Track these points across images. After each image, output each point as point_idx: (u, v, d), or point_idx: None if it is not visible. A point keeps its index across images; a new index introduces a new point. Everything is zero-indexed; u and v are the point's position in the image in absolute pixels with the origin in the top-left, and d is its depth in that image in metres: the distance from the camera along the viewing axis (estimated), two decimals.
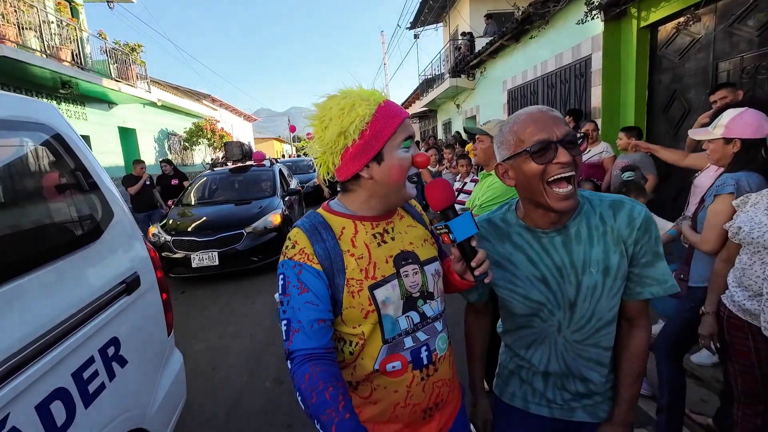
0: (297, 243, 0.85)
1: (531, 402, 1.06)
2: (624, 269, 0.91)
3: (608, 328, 0.95)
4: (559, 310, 0.95)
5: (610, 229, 0.90)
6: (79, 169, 1.42)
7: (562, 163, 0.82)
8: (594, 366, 0.97)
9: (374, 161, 0.85)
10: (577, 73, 6.13)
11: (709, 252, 1.68)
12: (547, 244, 0.93)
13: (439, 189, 0.87)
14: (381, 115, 0.84)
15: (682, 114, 4.56)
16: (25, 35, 7.13)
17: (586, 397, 1.01)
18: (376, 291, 0.85)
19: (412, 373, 0.88)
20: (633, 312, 0.96)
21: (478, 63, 9.71)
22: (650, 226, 0.90)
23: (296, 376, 0.76)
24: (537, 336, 1.00)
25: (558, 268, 0.93)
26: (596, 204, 0.93)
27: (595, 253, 0.90)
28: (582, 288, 0.91)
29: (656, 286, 0.91)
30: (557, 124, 0.84)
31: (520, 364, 1.07)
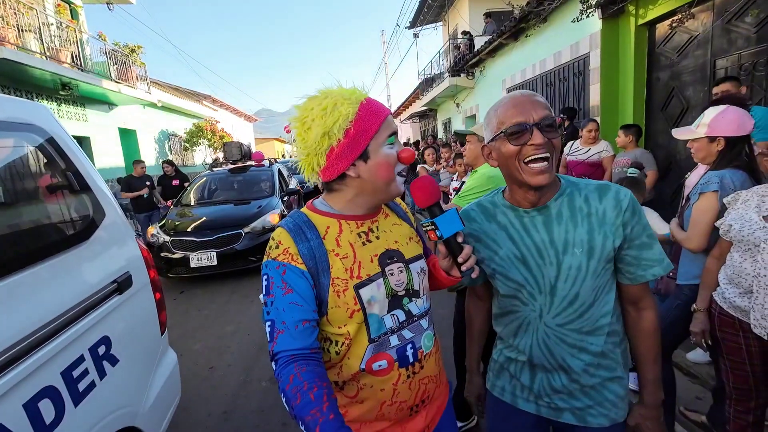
0: (281, 243, 0.85)
1: (519, 397, 1.07)
2: (609, 250, 0.91)
3: (590, 311, 0.95)
4: (540, 294, 0.96)
5: (595, 210, 0.92)
6: (70, 170, 1.43)
7: (536, 145, 0.86)
8: (576, 353, 0.97)
9: (360, 159, 0.85)
10: (575, 71, 6.12)
11: (693, 250, 1.68)
12: (528, 224, 0.96)
13: (423, 186, 0.87)
14: (364, 112, 0.83)
15: (681, 111, 4.55)
16: (24, 37, 7.15)
17: (572, 396, 1.00)
18: (361, 290, 0.85)
19: (398, 371, 0.88)
20: (636, 295, 0.97)
21: (477, 62, 9.70)
22: (636, 208, 0.92)
23: (281, 378, 0.76)
24: (521, 322, 1.01)
25: (538, 248, 0.94)
26: (582, 187, 0.96)
27: (578, 234, 0.91)
28: (563, 268, 0.92)
29: (657, 267, 0.93)
30: (535, 108, 0.87)
31: (509, 355, 1.07)
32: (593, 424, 0.99)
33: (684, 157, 4.38)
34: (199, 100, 18.33)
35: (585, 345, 0.96)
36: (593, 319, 0.95)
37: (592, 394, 0.99)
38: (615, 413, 1.00)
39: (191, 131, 15.61)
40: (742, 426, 1.53)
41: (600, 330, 0.96)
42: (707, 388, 2.31)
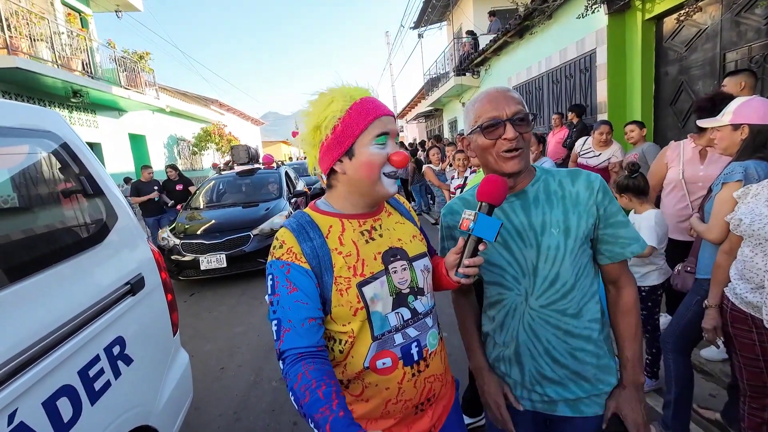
0: (284, 242, 0.86)
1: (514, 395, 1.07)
2: (584, 230, 0.95)
3: (572, 293, 0.96)
4: (523, 277, 0.98)
5: (569, 193, 0.97)
6: (84, 175, 1.46)
7: (509, 139, 0.91)
8: (561, 335, 0.98)
9: (346, 156, 0.87)
10: (581, 68, 6.08)
11: (714, 241, 1.66)
12: (507, 209, 1.00)
13: (495, 182, 0.86)
14: (354, 111, 0.85)
15: (690, 106, 4.49)
16: (36, 46, 7.31)
17: (563, 386, 1.00)
18: (364, 288, 0.86)
19: (402, 369, 0.88)
20: (616, 273, 1.01)
21: (482, 60, 9.67)
22: (607, 190, 0.98)
23: (289, 376, 0.76)
24: (508, 309, 1.02)
25: (518, 231, 0.98)
26: (554, 174, 1.02)
27: (555, 215, 0.96)
28: (542, 249, 0.96)
29: (634, 245, 0.97)
30: (509, 103, 0.92)
31: (497, 354, 1.07)
32: (588, 413, 1.01)
33: None
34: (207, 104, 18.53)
35: (569, 328, 0.98)
36: (576, 301, 0.97)
37: (582, 384, 0.99)
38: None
39: (199, 135, 15.79)
40: (756, 423, 1.51)
41: (583, 313, 0.98)
42: (721, 385, 2.28)
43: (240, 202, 6.09)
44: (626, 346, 1.01)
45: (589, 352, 0.99)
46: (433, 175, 5.07)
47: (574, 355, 0.98)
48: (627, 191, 2.20)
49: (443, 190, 5.09)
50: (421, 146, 11.67)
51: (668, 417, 1.86)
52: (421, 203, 8.81)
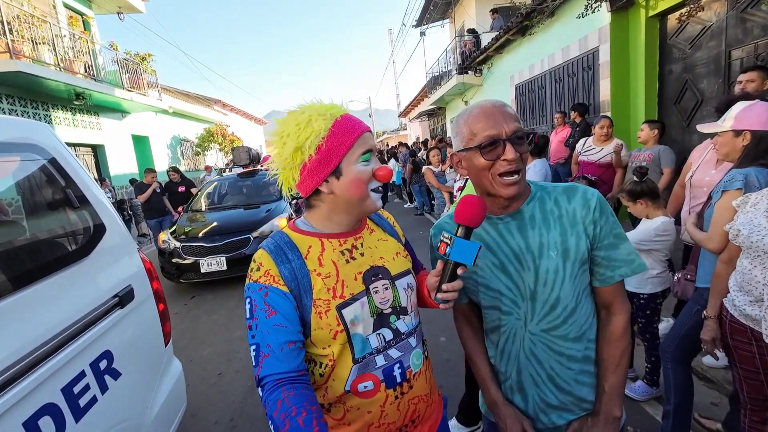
0: (262, 265, 0.84)
1: None
2: (583, 251, 0.90)
3: (573, 317, 0.92)
4: (522, 301, 0.94)
5: (566, 211, 0.92)
6: (70, 187, 1.45)
7: (509, 160, 0.85)
8: (565, 361, 0.94)
9: (333, 176, 0.85)
10: (584, 66, 6.00)
11: (714, 251, 1.62)
12: (503, 230, 0.95)
13: (472, 204, 0.81)
14: (337, 129, 0.83)
15: (695, 104, 4.42)
16: (39, 50, 7.35)
17: (568, 411, 0.97)
18: (344, 310, 0.84)
19: (385, 392, 0.86)
20: (608, 298, 0.95)
21: (484, 59, 9.59)
22: (605, 207, 0.92)
23: (268, 404, 0.74)
24: (508, 335, 0.98)
25: (515, 254, 0.93)
26: (550, 190, 0.96)
27: (552, 236, 0.91)
28: (540, 272, 0.91)
29: (624, 267, 0.92)
30: (507, 121, 0.86)
31: (499, 377, 1.04)
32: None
33: None
34: (210, 104, 18.59)
35: (572, 353, 0.94)
36: (578, 325, 0.93)
37: (586, 407, 0.97)
38: None
39: (202, 136, 15.84)
40: None
41: (584, 336, 0.95)
42: (723, 393, 2.24)
43: (241, 203, 6.09)
44: (606, 376, 0.94)
45: (588, 372, 0.96)
46: (432, 176, 5.03)
47: (577, 380, 0.95)
48: (642, 196, 2.14)
49: (443, 191, 5.05)
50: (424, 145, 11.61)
51: (667, 427, 1.82)
52: (423, 203, 8.77)
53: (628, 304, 0.96)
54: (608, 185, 3.90)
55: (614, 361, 0.93)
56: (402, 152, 10.67)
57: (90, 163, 10.10)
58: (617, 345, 0.94)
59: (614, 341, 0.94)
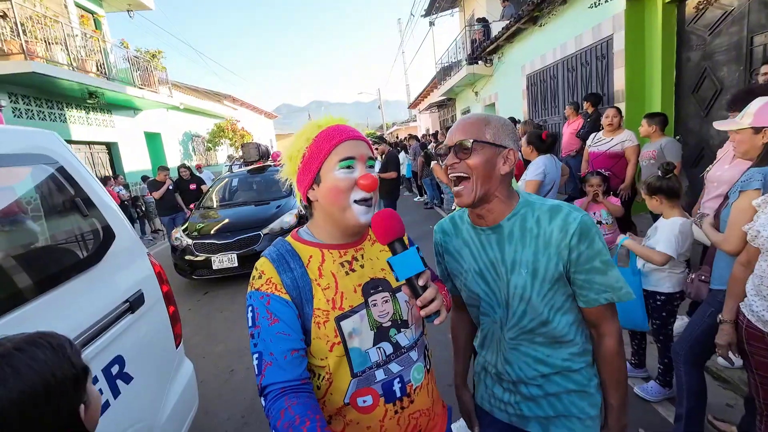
0: (264, 273, 0.84)
1: (494, 407, 1.10)
2: (553, 273, 0.91)
3: (544, 328, 0.96)
4: (499, 307, 1.00)
5: (543, 232, 0.92)
6: (79, 196, 1.47)
7: (448, 164, 0.95)
8: (532, 363, 0.99)
9: (315, 183, 0.87)
10: (598, 55, 5.83)
11: (731, 252, 1.57)
12: (485, 241, 1.00)
13: (381, 219, 0.81)
14: (319, 138, 0.85)
15: (714, 93, 4.27)
16: (52, 50, 7.46)
17: (537, 404, 1.01)
18: (342, 322, 0.83)
19: (384, 407, 0.85)
20: (594, 318, 0.97)
21: (495, 48, 9.41)
22: (587, 233, 0.90)
23: (271, 414, 0.74)
24: (486, 332, 1.08)
25: (493, 264, 0.98)
26: (536, 207, 0.96)
27: (525, 254, 0.93)
28: (510, 286, 0.95)
29: (610, 293, 0.92)
30: (457, 131, 0.95)
31: (484, 367, 1.12)
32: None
33: (717, 143, 4.10)
34: (220, 100, 18.70)
35: (542, 357, 0.98)
36: (550, 335, 0.97)
37: (554, 403, 1.00)
38: (580, 430, 0.99)
39: (213, 131, 15.98)
40: None
41: (560, 346, 0.97)
42: (739, 394, 2.19)
43: (251, 200, 6.14)
44: (610, 393, 0.99)
45: (570, 380, 0.99)
46: (441, 171, 4.98)
47: (548, 378, 0.99)
48: (659, 193, 2.08)
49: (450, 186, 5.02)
50: (434, 138, 11.50)
51: (680, 430, 1.80)
52: (434, 196, 8.72)
53: (617, 324, 0.98)
54: (620, 178, 3.81)
55: (614, 378, 0.99)
56: (413, 145, 10.59)
57: (104, 161, 10.30)
58: (611, 365, 0.98)
59: (607, 362, 0.98)
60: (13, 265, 1.25)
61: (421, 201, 9.73)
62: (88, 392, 0.68)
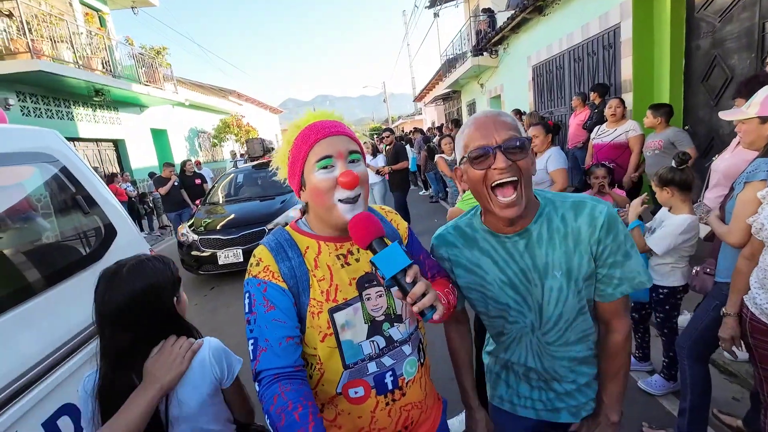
0: (261, 260, 0.85)
1: (518, 405, 1.08)
2: (586, 270, 0.90)
3: (574, 323, 0.95)
4: (530, 312, 0.96)
5: (571, 230, 0.90)
6: (81, 194, 1.49)
7: (500, 169, 0.82)
8: (568, 363, 0.99)
9: (302, 186, 0.87)
10: (605, 44, 5.72)
11: (735, 245, 1.54)
12: (511, 249, 0.94)
13: (357, 222, 0.80)
14: (297, 141, 0.85)
15: (724, 82, 4.16)
16: (58, 48, 7.52)
17: (570, 396, 1.02)
18: (336, 314, 0.84)
19: (375, 398, 0.86)
20: (607, 314, 0.95)
21: (500, 39, 9.28)
22: (614, 225, 0.88)
23: (264, 399, 0.75)
24: (513, 337, 1.02)
25: (524, 272, 0.94)
26: (559, 205, 0.93)
27: (557, 256, 0.90)
28: (545, 290, 0.92)
29: (626, 284, 0.90)
30: (498, 130, 0.84)
31: (506, 366, 1.08)
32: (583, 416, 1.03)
33: (727, 133, 4.02)
34: (225, 95, 18.74)
35: (572, 354, 0.98)
36: (578, 330, 0.96)
37: (587, 391, 1.02)
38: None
39: (219, 127, 16.03)
40: None
41: (584, 339, 0.98)
42: (746, 387, 2.16)
43: (256, 195, 6.17)
44: (606, 385, 0.99)
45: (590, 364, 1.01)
46: (445, 165, 4.95)
47: (581, 373, 1.00)
48: (671, 184, 2.01)
49: (455, 180, 4.99)
50: (439, 131, 11.42)
51: (683, 425, 1.78)
52: (438, 190, 8.68)
53: (627, 320, 0.96)
54: (623, 169, 3.77)
55: (612, 374, 0.98)
56: (417, 138, 10.54)
57: (112, 158, 10.41)
58: (614, 360, 0.97)
59: (611, 357, 0.97)
60: (20, 261, 1.27)
61: (426, 194, 9.71)
62: (180, 292, 1.02)
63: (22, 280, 1.19)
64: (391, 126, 34.32)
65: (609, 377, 0.98)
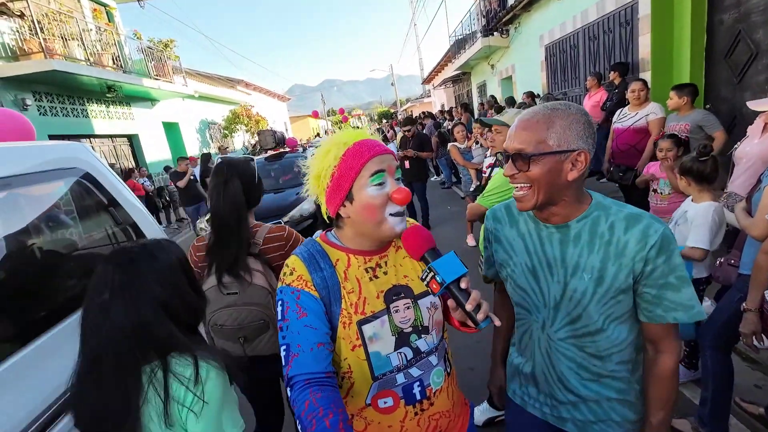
0: (295, 270, 0.88)
1: (528, 403, 1.11)
2: (621, 283, 0.87)
3: (597, 336, 0.93)
4: (544, 307, 0.97)
5: (617, 241, 0.87)
6: (111, 205, 1.54)
7: (508, 175, 0.91)
8: (576, 369, 0.97)
9: (347, 200, 0.87)
10: (621, 21, 5.52)
11: (758, 238, 1.52)
12: (545, 238, 0.96)
13: (412, 235, 0.85)
14: (348, 155, 0.86)
15: (748, 58, 3.99)
16: (69, 46, 7.59)
17: (575, 407, 1.00)
18: (364, 326, 0.86)
19: (404, 408, 0.88)
20: (656, 335, 0.91)
21: (511, 18, 9.01)
22: (669, 246, 0.84)
23: (296, 403, 0.76)
24: (526, 329, 1.05)
25: (549, 263, 0.95)
26: (612, 213, 0.90)
27: (592, 260, 0.89)
28: (568, 289, 0.92)
29: (681, 312, 0.86)
30: (514, 138, 0.90)
31: (518, 363, 1.12)
32: None
33: (751, 112, 3.88)
34: (233, 85, 18.73)
35: (588, 365, 0.96)
36: (602, 345, 0.93)
37: (594, 408, 0.98)
38: None
39: (229, 118, 16.09)
40: None
41: (609, 358, 0.94)
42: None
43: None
44: (653, 412, 0.94)
45: (609, 387, 0.97)
46: (458, 153, 4.90)
47: (588, 387, 0.97)
48: (688, 174, 1.98)
49: (468, 168, 4.93)
50: (449, 115, 11.25)
51: (705, 414, 1.80)
52: (450, 176, 8.62)
53: (679, 343, 0.93)
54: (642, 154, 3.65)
55: (663, 398, 0.93)
56: (427, 124, 10.40)
57: (127, 153, 10.59)
58: (665, 386, 0.92)
59: (661, 381, 0.92)
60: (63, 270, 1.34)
61: (437, 180, 9.65)
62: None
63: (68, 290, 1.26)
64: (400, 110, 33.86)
65: (658, 404, 0.93)
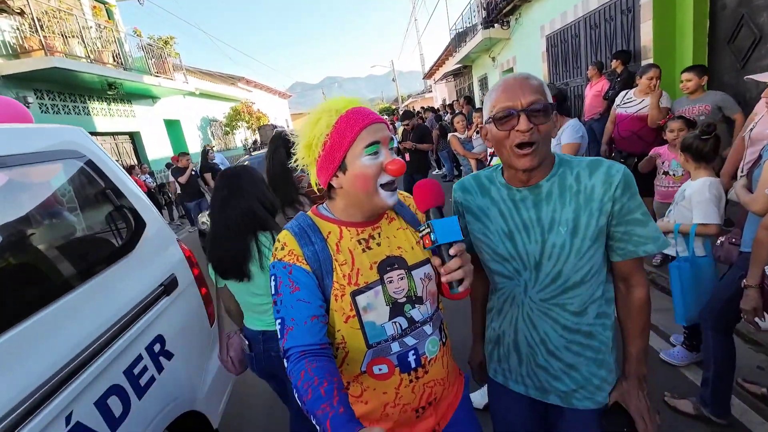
0: (286, 245, 0.88)
1: (509, 379, 1.11)
2: (594, 230, 0.91)
3: (576, 290, 0.95)
4: (525, 270, 0.98)
5: (584, 187, 0.92)
6: (109, 188, 1.55)
7: (521, 131, 0.87)
8: (559, 329, 0.98)
9: (340, 171, 0.86)
10: (623, 9, 5.47)
11: (758, 213, 1.52)
12: (519, 201, 0.98)
13: (425, 187, 0.86)
14: (340, 124, 0.84)
15: (752, 42, 3.95)
16: (69, 43, 7.60)
17: (556, 378, 1.01)
18: (358, 297, 0.87)
19: (399, 376, 0.90)
20: (628, 271, 0.97)
21: (511, 9, 8.94)
22: (631, 184, 0.91)
23: (293, 374, 0.78)
24: (507, 296, 1.05)
25: (525, 225, 0.96)
26: (574, 165, 0.95)
27: (565, 213, 0.92)
28: (546, 246, 0.94)
29: (650, 244, 0.92)
30: (524, 93, 0.87)
31: (498, 337, 1.11)
32: (579, 406, 1.02)
33: (755, 96, 3.84)
34: (234, 82, 18.71)
35: (569, 324, 0.98)
36: (580, 300, 0.96)
37: (574, 376, 1.00)
38: (601, 396, 1.01)
39: (230, 115, 16.10)
40: None
41: (588, 312, 0.97)
42: None
43: None
44: (631, 342, 1.00)
45: (587, 346, 0.99)
46: (458, 143, 4.88)
47: (569, 348, 0.99)
48: (687, 151, 2.00)
49: (469, 159, 4.91)
50: (450, 108, 11.20)
51: (706, 395, 1.80)
52: (452, 169, 8.60)
53: (645, 274, 0.98)
54: (645, 141, 3.60)
55: (638, 329, 0.99)
56: (428, 117, 10.38)
57: (129, 150, 10.62)
58: (641, 316, 0.98)
59: (636, 312, 0.98)
60: (58, 255, 1.35)
61: (439, 174, 9.63)
62: None
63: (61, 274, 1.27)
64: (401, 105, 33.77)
65: (634, 335, 0.99)
